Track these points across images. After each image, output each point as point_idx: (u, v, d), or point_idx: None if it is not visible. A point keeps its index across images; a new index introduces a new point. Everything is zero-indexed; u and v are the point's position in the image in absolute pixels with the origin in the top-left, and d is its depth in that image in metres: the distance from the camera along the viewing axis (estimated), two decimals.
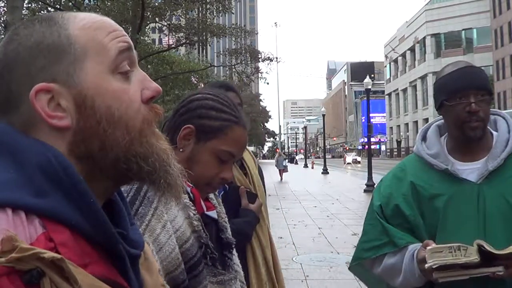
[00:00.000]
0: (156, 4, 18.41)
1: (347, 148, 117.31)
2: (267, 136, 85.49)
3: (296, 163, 63.09)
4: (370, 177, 17.71)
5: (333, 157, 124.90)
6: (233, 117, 1.31)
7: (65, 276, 0.54)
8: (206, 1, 19.25)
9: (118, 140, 0.66)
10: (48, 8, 16.19)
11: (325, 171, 31.67)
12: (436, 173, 1.70)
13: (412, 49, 72.30)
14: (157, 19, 19.16)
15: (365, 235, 1.80)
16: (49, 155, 0.61)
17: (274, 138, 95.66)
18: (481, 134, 1.65)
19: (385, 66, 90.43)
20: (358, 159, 64.50)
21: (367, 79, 20.37)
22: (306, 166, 46.19)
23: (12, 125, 0.64)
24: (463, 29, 61.68)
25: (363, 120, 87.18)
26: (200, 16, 21.16)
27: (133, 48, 0.71)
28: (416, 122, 68.04)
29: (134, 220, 0.77)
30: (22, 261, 0.51)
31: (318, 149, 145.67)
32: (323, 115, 38.57)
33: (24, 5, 13.91)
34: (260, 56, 23.40)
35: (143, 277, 0.72)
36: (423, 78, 67.00)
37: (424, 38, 66.23)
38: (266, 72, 38.38)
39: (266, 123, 78.12)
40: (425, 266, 1.49)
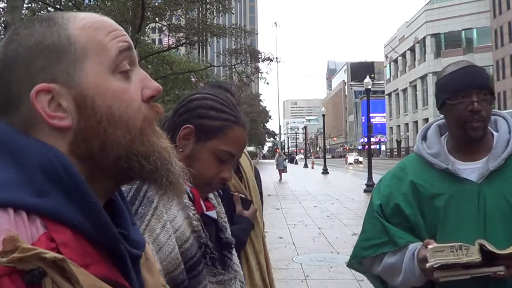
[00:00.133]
0: (156, 4, 18.40)
1: (347, 148, 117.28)
2: (267, 136, 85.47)
3: (296, 163, 63.10)
4: (370, 177, 17.72)
5: (333, 157, 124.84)
6: (232, 117, 1.31)
7: (66, 276, 0.53)
8: (206, 1, 19.24)
9: (119, 140, 0.66)
10: (48, 8, 16.19)
11: (325, 171, 31.68)
12: (436, 173, 1.71)
13: (412, 49, 72.28)
14: (157, 19, 19.15)
15: (364, 233, 1.80)
16: (50, 155, 0.61)
17: (274, 138, 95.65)
18: (482, 134, 1.65)
19: (385, 66, 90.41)
20: (360, 159, 64.01)
21: (367, 79, 20.37)
22: (306, 166, 46.19)
23: (12, 125, 0.64)
24: (463, 29, 61.66)
25: (363, 120, 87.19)
26: (200, 16, 21.15)
27: (133, 47, 0.71)
28: (416, 122, 68.02)
29: (135, 220, 0.77)
30: (23, 261, 0.51)
31: (318, 149, 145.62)
32: (323, 115, 38.60)
33: (24, 5, 13.90)
34: (260, 56, 23.39)
35: (144, 277, 0.72)
36: (423, 78, 66.99)
37: (424, 38, 66.21)
38: (266, 72, 38.51)
39: (266, 123, 78.11)
40: (426, 265, 1.49)
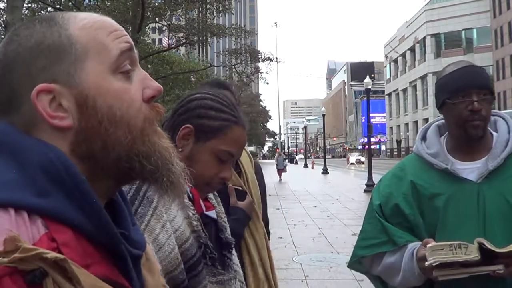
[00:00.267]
0: (156, 4, 18.40)
1: (347, 148, 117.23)
2: (267, 136, 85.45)
3: (296, 163, 63.10)
4: (370, 177, 17.72)
5: (333, 157, 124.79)
6: (232, 117, 1.31)
7: (67, 277, 0.53)
8: (206, 1, 19.25)
9: (120, 140, 0.66)
10: (48, 8, 16.19)
11: (325, 171, 31.68)
12: (436, 173, 1.71)
13: (412, 49, 72.24)
14: (157, 19, 19.15)
15: (363, 233, 1.81)
16: (51, 155, 0.61)
17: (274, 138, 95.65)
18: (482, 133, 1.66)
19: (385, 66, 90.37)
20: (362, 159, 63.55)
21: (367, 79, 20.37)
22: (306, 166, 46.19)
23: (13, 125, 0.64)
24: (463, 29, 61.62)
25: (363, 120, 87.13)
26: (200, 16, 21.16)
27: (134, 48, 0.71)
28: (416, 122, 67.99)
29: (135, 220, 0.77)
30: (25, 261, 0.51)
31: (318, 149, 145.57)
32: (323, 115, 38.60)
33: (24, 5, 13.91)
34: (260, 56, 23.40)
35: (144, 278, 0.72)
36: (423, 78, 66.95)
37: (424, 38, 66.17)
38: (266, 72, 38.50)
39: (266, 123, 78.10)
40: (425, 264, 1.49)
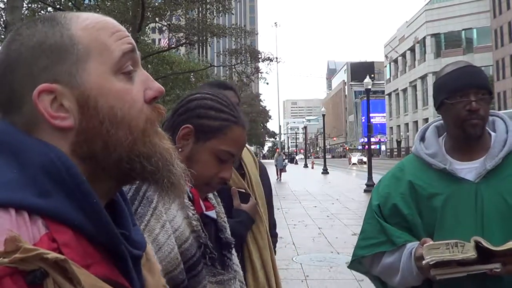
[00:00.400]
0: (156, 4, 18.40)
1: (347, 148, 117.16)
2: (267, 136, 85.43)
3: (296, 163, 63.10)
4: (370, 177, 17.73)
5: (333, 157, 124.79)
6: (232, 117, 1.31)
7: (68, 277, 0.53)
8: (206, 1, 19.24)
9: (121, 140, 0.66)
10: (48, 8, 16.19)
11: (325, 171, 31.67)
12: (434, 173, 1.71)
13: (412, 49, 72.22)
14: (157, 19, 19.15)
15: (363, 233, 1.82)
16: (52, 155, 0.61)
17: (274, 138, 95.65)
18: (480, 133, 1.66)
19: (385, 66, 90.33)
20: (364, 159, 63.22)
21: (367, 79, 20.37)
22: (306, 166, 46.18)
23: (14, 125, 0.64)
24: (463, 29, 61.61)
25: (363, 120, 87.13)
26: (200, 16, 21.16)
27: (136, 48, 0.71)
28: (416, 122, 67.98)
29: (135, 221, 0.77)
30: (25, 262, 0.51)
31: (318, 149, 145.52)
32: (323, 115, 38.57)
33: (24, 5, 13.91)
34: (260, 56, 23.39)
35: (145, 278, 0.72)
36: (423, 78, 66.94)
37: (424, 38, 66.15)
38: (266, 72, 38.46)
39: (266, 123, 78.08)
40: (422, 262, 1.50)
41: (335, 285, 5.75)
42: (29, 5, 16.12)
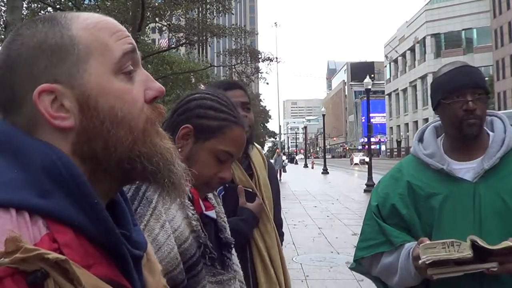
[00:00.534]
0: (156, 4, 18.40)
1: (347, 148, 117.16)
2: (267, 136, 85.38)
3: (296, 163, 63.08)
4: (370, 177, 17.73)
5: (333, 157, 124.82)
6: (231, 116, 1.31)
7: (69, 277, 0.53)
8: (206, 1, 19.24)
9: (121, 140, 0.66)
10: (48, 8, 16.18)
11: (325, 171, 31.67)
12: (432, 173, 1.72)
13: (412, 49, 72.23)
14: (157, 19, 19.15)
15: (362, 234, 1.82)
16: (52, 155, 0.61)
17: (274, 138, 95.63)
18: (477, 132, 1.66)
19: (385, 66, 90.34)
20: (366, 159, 63.55)
21: (367, 79, 20.38)
22: (306, 166, 46.17)
23: (15, 125, 0.64)
24: (463, 29, 61.61)
25: (363, 120, 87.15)
26: (200, 16, 21.16)
27: (137, 48, 0.71)
28: (416, 122, 67.99)
29: (136, 221, 0.77)
30: (26, 262, 0.51)
31: (318, 149, 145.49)
32: (323, 115, 38.56)
33: (24, 5, 13.91)
34: (260, 56, 23.39)
35: (145, 278, 0.72)
36: (423, 78, 66.91)
37: (424, 38, 66.16)
38: (266, 72, 38.46)
39: (266, 123, 78.06)
40: (419, 262, 1.50)
41: (335, 285, 5.76)
42: (29, 5, 16.12)
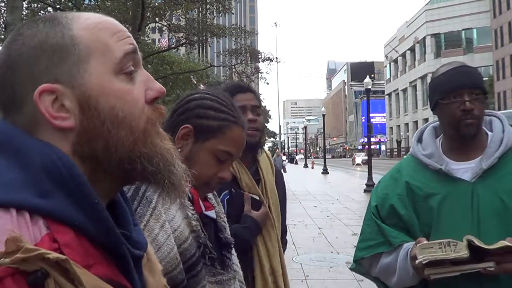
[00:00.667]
0: (156, 4, 18.40)
1: (347, 148, 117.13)
2: (267, 136, 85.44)
3: (296, 163, 63.05)
4: (370, 177, 17.73)
5: (333, 157, 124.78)
6: (231, 116, 1.31)
7: (69, 277, 0.53)
8: (206, 1, 19.24)
9: (122, 141, 0.66)
10: (48, 9, 16.19)
11: (325, 171, 31.67)
12: (431, 173, 1.72)
13: (412, 49, 72.23)
14: (157, 19, 19.15)
15: (362, 235, 1.83)
16: (53, 155, 0.61)
17: (274, 138, 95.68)
18: (475, 132, 1.67)
19: (385, 66, 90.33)
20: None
21: (367, 79, 20.37)
22: (306, 166, 46.16)
23: (15, 125, 0.64)
24: (463, 29, 61.61)
25: (363, 120, 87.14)
26: (200, 16, 21.16)
27: (138, 49, 0.71)
28: (416, 122, 68.00)
29: (136, 221, 0.77)
30: (26, 262, 0.51)
31: (318, 149, 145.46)
32: (323, 115, 38.55)
33: (24, 5, 13.90)
34: (260, 56, 23.40)
35: (146, 278, 0.72)
36: (423, 78, 66.87)
37: (424, 38, 66.16)
38: (266, 72, 38.38)
39: (266, 123, 78.11)
40: (416, 262, 1.51)
41: (335, 285, 5.76)
42: (29, 5, 16.12)
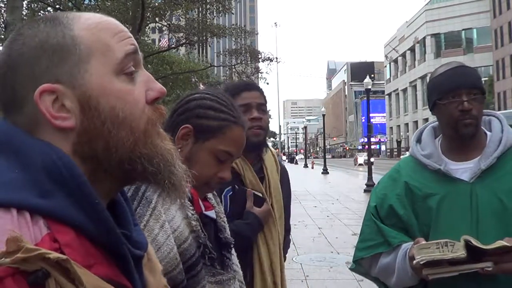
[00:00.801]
0: (156, 4, 18.40)
1: (347, 148, 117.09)
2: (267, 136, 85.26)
3: (296, 163, 62.98)
4: (370, 177, 17.73)
5: (333, 157, 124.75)
6: (231, 116, 1.31)
7: (70, 277, 0.53)
8: (206, 1, 19.24)
9: (122, 141, 0.66)
10: (48, 8, 16.19)
11: (325, 171, 31.66)
12: (430, 173, 1.72)
13: (412, 49, 72.26)
14: (157, 19, 19.15)
15: (361, 235, 1.83)
16: (53, 155, 0.61)
17: (274, 138, 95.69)
18: (474, 132, 1.67)
19: (385, 66, 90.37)
20: (371, 159, 63.09)
21: (367, 79, 20.36)
22: (306, 166, 46.13)
23: (16, 125, 0.64)
24: (463, 29, 61.64)
25: (363, 120, 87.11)
26: (200, 16, 21.16)
27: (138, 49, 0.71)
28: (416, 122, 68.02)
29: (137, 221, 0.77)
30: (27, 262, 0.51)
31: (318, 149, 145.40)
32: (323, 115, 38.53)
33: (24, 5, 13.90)
34: (260, 56, 23.41)
35: (146, 278, 0.72)
36: (423, 78, 66.85)
37: (424, 38, 66.19)
38: (266, 72, 38.33)
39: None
40: (413, 262, 1.51)
41: (335, 285, 5.75)
42: (29, 5, 16.12)
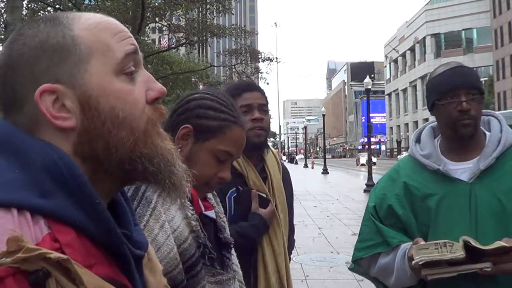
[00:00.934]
0: (156, 4, 18.39)
1: (347, 148, 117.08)
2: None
3: (296, 163, 62.98)
4: (370, 177, 17.73)
5: (333, 157, 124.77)
6: (231, 117, 1.31)
7: (71, 277, 0.53)
8: (206, 1, 19.23)
9: (122, 141, 0.66)
10: (48, 8, 16.19)
11: (325, 171, 31.66)
12: (429, 174, 1.72)
13: (412, 49, 72.26)
14: (157, 19, 19.15)
15: (360, 235, 1.83)
16: (54, 155, 0.61)
17: (274, 138, 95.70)
18: (472, 132, 1.67)
19: (385, 66, 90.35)
20: (374, 160, 62.99)
21: (367, 79, 20.36)
22: (306, 166, 46.13)
23: (16, 125, 0.64)
24: (463, 29, 61.62)
25: (363, 120, 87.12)
26: (200, 16, 21.16)
27: (139, 49, 0.71)
28: (416, 122, 68.01)
29: (137, 221, 0.77)
30: (28, 262, 0.51)
31: (318, 149, 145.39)
32: (323, 115, 38.53)
33: (24, 5, 13.91)
34: (260, 56, 23.40)
35: (146, 278, 0.72)
36: (423, 78, 66.83)
37: (424, 38, 66.17)
38: (266, 72, 38.34)
39: None
40: (412, 262, 1.51)
41: (335, 285, 5.76)
42: (29, 5, 16.12)
